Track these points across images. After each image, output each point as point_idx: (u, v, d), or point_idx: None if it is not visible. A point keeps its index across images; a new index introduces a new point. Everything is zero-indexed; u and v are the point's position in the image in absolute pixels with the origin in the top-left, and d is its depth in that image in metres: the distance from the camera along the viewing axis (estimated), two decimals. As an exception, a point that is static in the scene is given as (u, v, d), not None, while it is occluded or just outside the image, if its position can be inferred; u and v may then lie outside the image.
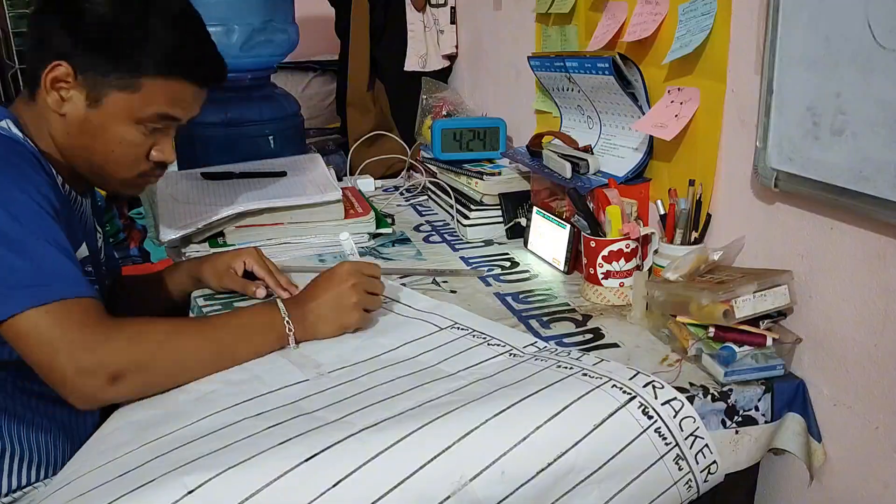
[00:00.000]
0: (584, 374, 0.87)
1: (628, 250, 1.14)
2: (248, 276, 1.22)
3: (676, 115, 1.14)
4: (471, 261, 1.39)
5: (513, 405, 0.80)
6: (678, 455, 0.83)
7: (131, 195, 1.10)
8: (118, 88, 0.99)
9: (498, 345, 1.00)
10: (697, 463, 0.84)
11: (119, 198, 1.14)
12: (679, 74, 1.17)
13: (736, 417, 0.92)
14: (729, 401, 0.91)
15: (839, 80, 0.83)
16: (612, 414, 0.81)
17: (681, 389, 0.91)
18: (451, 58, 2.27)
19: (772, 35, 0.92)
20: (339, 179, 1.83)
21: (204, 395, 0.89)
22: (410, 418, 0.79)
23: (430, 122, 1.87)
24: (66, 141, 1.02)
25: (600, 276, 1.16)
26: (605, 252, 1.14)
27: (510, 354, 0.97)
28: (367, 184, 1.92)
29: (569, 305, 1.17)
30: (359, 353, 0.99)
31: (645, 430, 0.81)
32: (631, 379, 0.86)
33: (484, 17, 2.02)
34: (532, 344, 1.00)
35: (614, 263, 1.15)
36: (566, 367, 0.90)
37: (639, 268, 1.16)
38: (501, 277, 1.30)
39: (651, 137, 1.25)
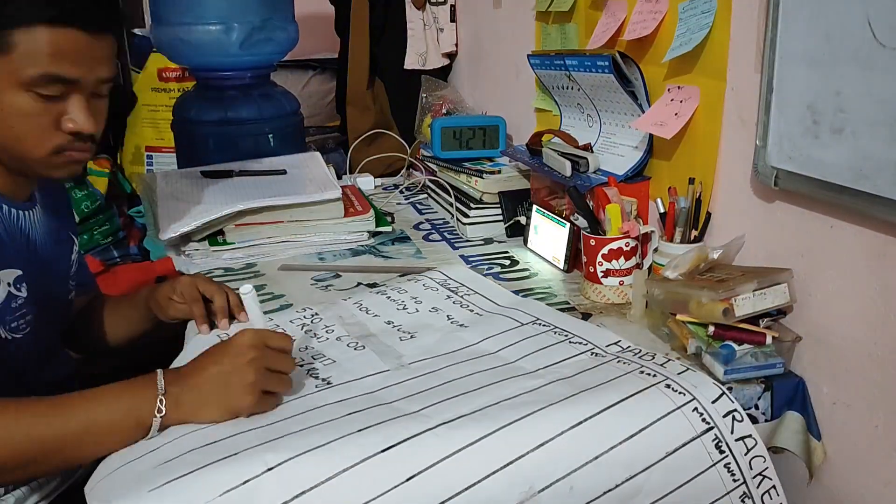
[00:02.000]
0: (668, 386, 0.84)
1: (628, 249, 1.14)
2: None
3: (676, 114, 1.14)
4: (470, 259, 1.39)
5: (589, 418, 0.79)
6: (745, 493, 0.82)
7: (64, 178, 0.98)
8: None
9: (580, 342, 0.97)
10: (763, 503, 0.83)
11: (56, 180, 1.03)
12: (679, 73, 1.16)
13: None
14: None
15: (839, 79, 0.83)
16: (687, 443, 0.80)
17: (680, 388, 0.91)
18: (451, 56, 2.27)
19: (772, 33, 0.92)
20: (339, 178, 1.84)
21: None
22: (487, 417, 0.79)
23: (429, 120, 1.87)
24: None
25: (600, 275, 1.16)
26: (604, 250, 1.14)
27: (592, 354, 0.94)
28: (366, 182, 1.92)
29: (569, 304, 1.17)
30: (440, 346, 0.99)
31: (715, 465, 0.80)
32: (714, 402, 0.83)
33: (484, 15, 2.02)
34: (615, 343, 0.97)
35: (614, 262, 1.15)
36: (650, 374, 0.86)
37: (638, 266, 1.16)
38: (501, 276, 1.30)
39: (651, 136, 1.25)
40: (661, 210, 1.15)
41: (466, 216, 1.52)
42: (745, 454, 0.82)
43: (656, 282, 1.03)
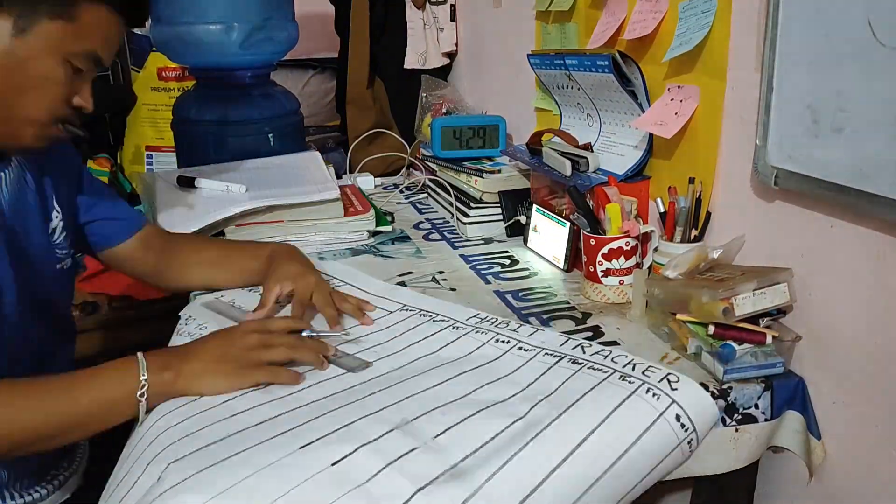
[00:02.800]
0: (521, 348, 0.98)
1: (628, 248, 1.14)
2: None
3: (676, 113, 1.14)
4: (470, 258, 1.39)
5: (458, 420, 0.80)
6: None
7: (37, 150, 0.98)
8: (51, 16, 0.88)
9: (442, 320, 1.08)
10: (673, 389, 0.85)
11: (23, 154, 1.01)
12: (679, 72, 1.16)
13: (736, 415, 0.92)
14: (729, 399, 0.91)
15: (839, 78, 0.83)
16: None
17: (680, 387, 0.91)
18: (451, 55, 2.27)
19: (772, 33, 0.92)
20: (339, 177, 1.84)
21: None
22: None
23: (429, 119, 1.87)
24: None
25: (600, 274, 1.16)
26: (604, 250, 1.14)
27: (453, 328, 1.05)
28: (366, 181, 1.92)
29: (568, 303, 1.17)
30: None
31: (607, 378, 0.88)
32: (562, 345, 0.97)
33: (484, 14, 2.02)
34: (474, 316, 1.08)
35: (614, 261, 1.15)
36: (503, 342, 0.99)
37: (638, 266, 1.16)
38: (501, 275, 1.30)
39: (651, 135, 1.25)
40: (661, 209, 1.15)
41: (466, 215, 1.52)
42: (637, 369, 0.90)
43: (656, 281, 1.03)
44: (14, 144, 0.96)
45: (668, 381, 0.86)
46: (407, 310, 1.12)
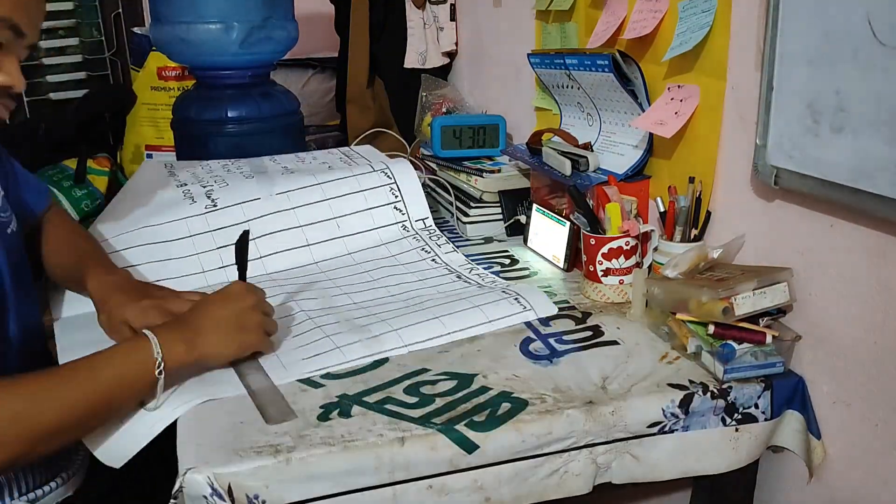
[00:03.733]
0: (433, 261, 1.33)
1: (628, 248, 1.14)
2: None
3: (676, 113, 1.14)
4: (470, 258, 1.39)
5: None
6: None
7: None
8: None
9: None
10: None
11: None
12: (679, 72, 1.16)
13: (736, 415, 0.92)
14: (728, 398, 0.91)
15: (839, 78, 0.83)
16: None
17: (680, 387, 0.91)
18: (451, 55, 2.27)
19: (772, 32, 0.92)
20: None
21: None
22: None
23: (429, 119, 1.87)
24: None
25: (600, 274, 1.16)
26: (604, 249, 1.14)
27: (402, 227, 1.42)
28: (366, 181, 1.91)
29: (568, 303, 1.17)
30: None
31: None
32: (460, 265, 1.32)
33: (484, 14, 2.02)
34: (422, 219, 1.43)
35: (614, 261, 1.15)
36: (426, 251, 1.37)
37: (638, 265, 1.16)
38: (501, 275, 1.29)
39: (651, 135, 1.25)
40: (661, 209, 1.14)
41: (466, 215, 1.52)
42: None
43: (656, 281, 1.03)
44: None
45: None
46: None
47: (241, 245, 0.99)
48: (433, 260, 1.31)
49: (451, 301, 1.12)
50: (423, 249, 1.34)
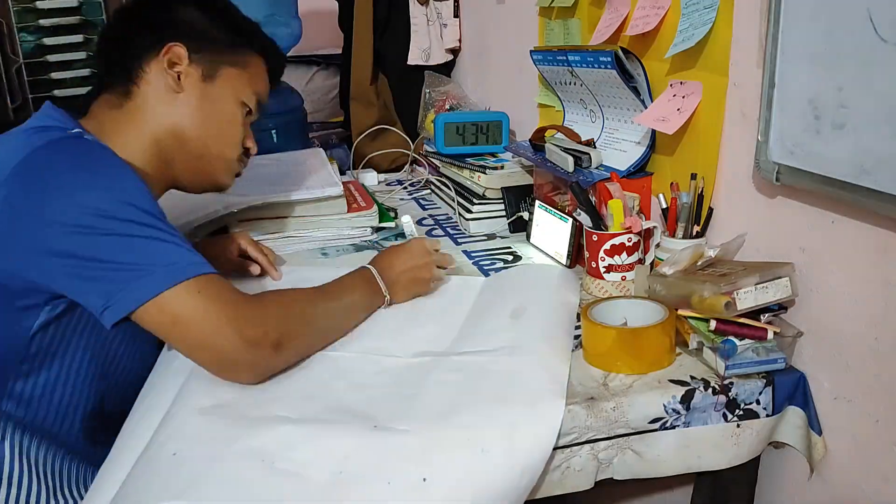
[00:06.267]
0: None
1: (630, 244, 1.15)
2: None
3: (678, 109, 1.14)
4: (473, 254, 1.39)
5: None
6: None
7: (224, 187, 1.16)
8: (230, 65, 1.08)
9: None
10: None
11: (213, 191, 1.18)
12: (681, 68, 1.16)
13: (737, 411, 0.92)
14: (730, 394, 0.92)
15: (841, 74, 0.83)
16: None
17: (682, 383, 0.91)
18: (455, 51, 2.27)
19: (774, 29, 0.92)
20: (343, 173, 1.84)
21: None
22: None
23: (433, 115, 1.87)
24: (184, 120, 1.04)
25: (602, 270, 1.16)
26: (606, 246, 1.15)
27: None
28: (370, 177, 1.92)
29: (571, 299, 1.17)
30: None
31: None
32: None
33: (487, 10, 2.02)
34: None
35: (616, 257, 1.15)
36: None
37: (641, 262, 1.17)
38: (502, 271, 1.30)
39: (653, 131, 1.25)
40: (664, 205, 1.15)
41: (469, 211, 1.53)
42: None
43: (658, 277, 1.04)
44: (206, 181, 1.13)
45: None
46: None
47: None
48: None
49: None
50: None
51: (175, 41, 1.03)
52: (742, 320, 0.93)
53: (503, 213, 1.51)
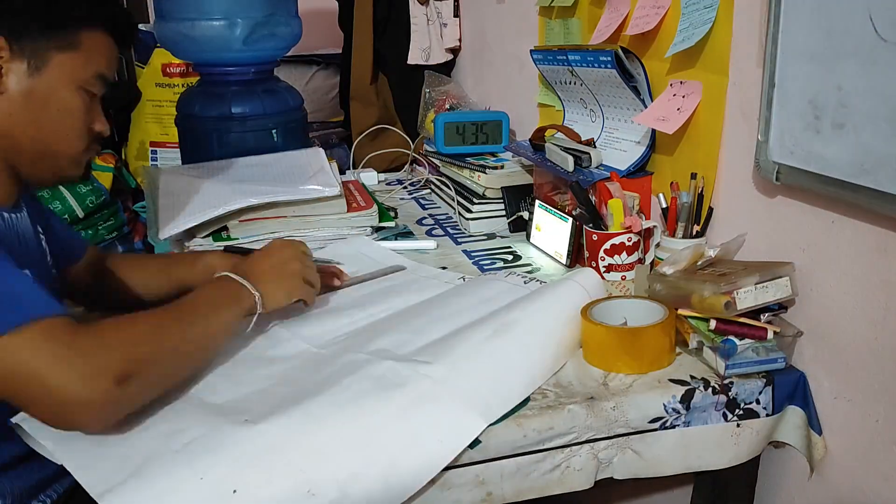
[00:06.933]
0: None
1: (630, 244, 1.15)
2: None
3: (678, 109, 1.14)
4: (473, 254, 1.39)
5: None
6: None
7: (76, 178, 1.05)
8: (59, 49, 0.93)
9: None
10: None
11: (65, 183, 1.08)
12: (681, 68, 1.16)
13: (737, 410, 0.92)
14: (730, 394, 0.92)
15: (841, 74, 0.83)
16: None
17: (682, 382, 0.91)
18: (455, 51, 2.27)
19: (774, 28, 0.92)
20: (343, 173, 1.84)
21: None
22: None
23: (433, 115, 1.87)
24: (9, 123, 0.92)
25: (602, 270, 1.16)
26: (606, 245, 1.15)
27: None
28: (370, 177, 1.92)
29: (571, 299, 1.17)
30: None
31: None
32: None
33: (487, 10, 2.02)
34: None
35: (616, 257, 1.15)
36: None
37: (641, 261, 1.17)
38: (503, 271, 1.30)
39: (653, 131, 1.25)
40: (664, 205, 1.15)
41: (469, 211, 1.53)
42: None
43: (658, 277, 1.04)
44: (53, 177, 1.01)
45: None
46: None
47: None
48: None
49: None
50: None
51: None
52: (742, 320, 0.93)
53: (503, 212, 1.51)
